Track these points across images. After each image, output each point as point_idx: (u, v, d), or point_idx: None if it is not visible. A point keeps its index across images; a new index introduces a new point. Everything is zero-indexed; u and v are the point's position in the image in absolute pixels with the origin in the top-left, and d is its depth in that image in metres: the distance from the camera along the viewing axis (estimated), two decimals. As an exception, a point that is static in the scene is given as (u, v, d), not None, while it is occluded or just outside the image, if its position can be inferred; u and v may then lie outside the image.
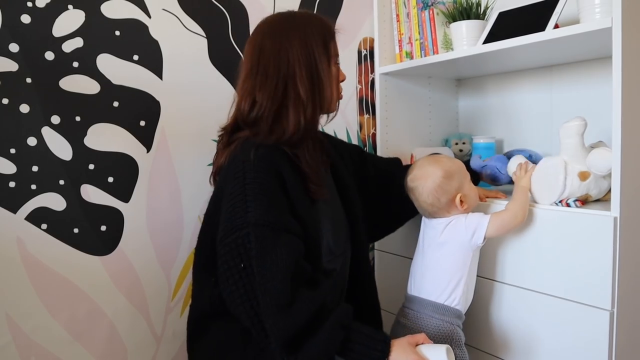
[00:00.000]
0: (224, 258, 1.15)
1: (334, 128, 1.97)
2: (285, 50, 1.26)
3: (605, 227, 1.26)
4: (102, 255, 1.49)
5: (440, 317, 1.39)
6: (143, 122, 1.55)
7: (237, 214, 1.15)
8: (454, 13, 1.81)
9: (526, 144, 1.99)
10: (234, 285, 1.13)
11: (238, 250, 1.13)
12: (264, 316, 1.10)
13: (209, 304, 1.28)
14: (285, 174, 1.20)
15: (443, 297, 1.40)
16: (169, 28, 1.59)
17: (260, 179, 1.17)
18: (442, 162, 1.43)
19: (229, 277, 1.14)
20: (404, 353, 1.15)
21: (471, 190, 1.44)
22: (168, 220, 1.60)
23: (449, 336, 1.38)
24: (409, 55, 1.99)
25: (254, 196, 1.15)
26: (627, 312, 1.31)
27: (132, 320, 1.55)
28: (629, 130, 1.28)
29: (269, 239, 1.13)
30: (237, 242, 1.13)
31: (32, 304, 1.39)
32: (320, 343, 1.10)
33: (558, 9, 1.46)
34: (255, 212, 1.13)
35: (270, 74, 1.26)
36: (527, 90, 1.98)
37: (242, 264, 1.12)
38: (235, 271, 1.13)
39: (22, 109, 1.35)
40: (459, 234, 1.39)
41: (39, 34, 1.37)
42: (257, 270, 1.11)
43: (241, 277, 1.12)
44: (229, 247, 1.14)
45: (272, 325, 1.09)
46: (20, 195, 1.36)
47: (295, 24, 1.30)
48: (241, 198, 1.16)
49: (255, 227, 1.12)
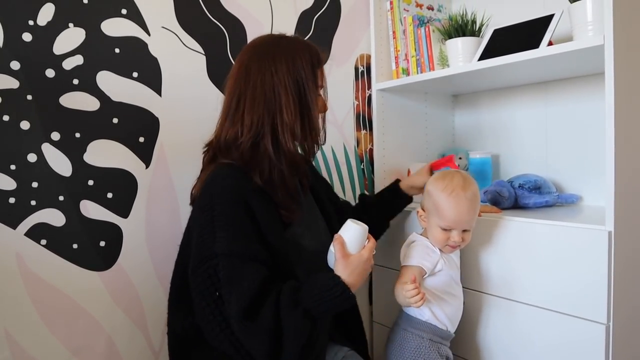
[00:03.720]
0: (198, 289, 1.17)
1: (331, 144, 1.99)
2: (270, 74, 1.25)
3: (600, 241, 1.27)
4: (101, 271, 1.49)
5: (412, 330, 1.44)
6: (142, 138, 1.56)
7: (206, 245, 1.17)
8: (449, 30, 1.84)
9: (521, 158, 2.01)
10: (211, 315, 1.15)
11: (211, 279, 1.15)
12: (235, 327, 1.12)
13: (183, 331, 1.29)
14: (253, 204, 1.21)
15: (414, 311, 1.44)
16: (168, 46, 1.61)
17: (227, 211, 1.19)
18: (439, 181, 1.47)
19: (205, 307, 1.16)
20: (346, 268, 1.19)
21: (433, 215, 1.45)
22: (167, 235, 1.61)
23: (417, 348, 1.41)
24: (406, 71, 2.01)
25: (222, 227, 1.17)
26: (622, 326, 1.32)
27: (131, 335, 1.55)
28: (622, 145, 1.29)
29: (237, 268, 1.14)
30: (208, 272, 1.15)
31: (31, 319, 1.39)
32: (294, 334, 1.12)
33: (552, 26, 1.49)
34: (223, 243, 1.15)
35: (257, 98, 1.25)
36: (522, 106, 2.00)
37: (217, 292, 1.15)
38: (211, 300, 1.15)
39: (22, 126, 1.36)
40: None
41: (39, 51, 1.39)
42: (226, 296, 1.13)
43: (217, 305, 1.15)
44: (201, 277, 1.16)
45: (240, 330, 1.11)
46: (20, 211, 1.37)
47: (283, 48, 1.29)
48: (209, 230, 1.18)
49: (223, 257, 1.15)
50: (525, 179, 1.71)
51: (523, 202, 1.67)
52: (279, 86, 1.25)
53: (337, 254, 1.21)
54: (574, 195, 1.77)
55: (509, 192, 1.66)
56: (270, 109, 1.25)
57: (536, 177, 1.73)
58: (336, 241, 1.22)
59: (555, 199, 1.71)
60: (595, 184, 1.77)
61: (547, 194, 1.69)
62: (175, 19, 1.62)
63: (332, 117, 2.00)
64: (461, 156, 2.13)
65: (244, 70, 1.29)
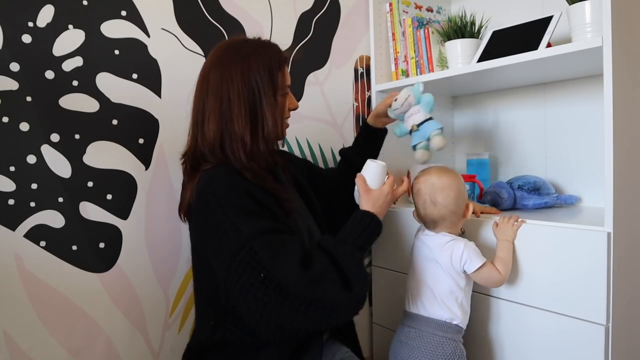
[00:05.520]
0: (239, 284, 1.11)
1: (331, 146, 1.99)
2: (227, 83, 1.27)
3: (599, 242, 1.27)
4: (101, 272, 1.49)
5: (443, 335, 1.40)
6: (142, 139, 1.56)
7: (230, 240, 1.13)
8: (448, 32, 1.84)
9: (520, 160, 2.01)
10: (265, 296, 1.09)
11: (251, 266, 1.10)
12: (300, 287, 1.10)
13: (208, 338, 1.29)
14: (255, 193, 1.21)
15: (445, 314, 1.41)
16: (168, 47, 1.61)
17: (235, 201, 1.18)
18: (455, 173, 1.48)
19: (255, 294, 1.09)
20: (369, 200, 1.34)
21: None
22: (166, 237, 1.61)
23: (453, 353, 1.39)
24: (405, 73, 2.01)
25: (239, 217, 1.15)
26: (622, 327, 1.32)
27: (130, 336, 1.55)
28: (621, 146, 1.30)
29: (274, 241, 1.14)
30: (245, 260, 1.10)
31: (30, 321, 1.39)
32: (352, 263, 1.17)
33: (550, 28, 1.49)
34: (247, 228, 1.13)
35: (213, 107, 1.28)
36: (521, 107, 2.01)
37: (261, 274, 1.09)
38: (259, 284, 1.09)
39: (22, 127, 1.36)
40: (454, 257, 1.39)
41: (39, 53, 1.39)
42: (275, 270, 1.09)
43: (267, 286, 1.09)
44: (240, 269, 1.10)
45: (304, 286, 1.09)
46: (20, 212, 1.37)
47: (241, 55, 1.30)
48: (228, 224, 1.15)
49: (255, 239, 1.12)
50: (524, 180, 1.71)
51: (522, 204, 1.67)
52: (233, 95, 1.27)
53: (360, 190, 1.36)
54: (573, 196, 1.77)
55: (508, 194, 1.67)
56: (223, 120, 1.27)
57: (535, 178, 1.73)
58: (359, 179, 1.37)
59: (555, 200, 1.71)
60: (594, 185, 1.77)
61: (546, 195, 1.70)
62: (175, 20, 1.62)
63: (331, 118, 2.01)
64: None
65: (205, 79, 1.32)
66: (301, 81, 1.93)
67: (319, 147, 1.98)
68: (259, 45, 1.34)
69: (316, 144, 1.97)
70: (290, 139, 1.89)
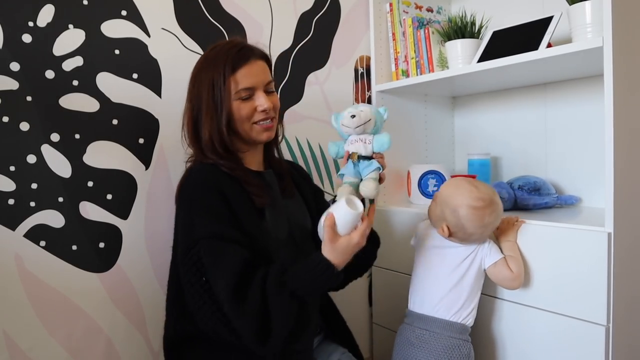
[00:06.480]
0: (186, 278, 1.21)
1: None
2: (198, 89, 1.32)
3: (600, 242, 1.27)
4: (100, 272, 1.49)
5: (454, 335, 1.39)
6: (142, 139, 1.56)
7: (187, 234, 1.22)
8: (449, 32, 1.84)
9: (521, 160, 2.01)
10: (201, 300, 1.18)
11: (196, 266, 1.18)
12: (226, 307, 1.13)
13: (174, 332, 1.32)
14: (226, 191, 1.24)
15: (460, 316, 1.40)
16: (168, 47, 1.61)
17: (202, 199, 1.23)
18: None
19: (194, 294, 1.19)
20: (333, 251, 1.14)
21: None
22: (166, 236, 1.59)
23: (468, 354, 1.40)
24: (405, 73, 2.01)
25: (199, 214, 1.21)
26: (622, 327, 1.32)
27: (130, 336, 1.55)
28: (622, 146, 1.29)
29: (218, 249, 1.17)
30: (193, 259, 1.19)
31: (30, 321, 1.38)
32: (281, 315, 1.12)
33: (551, 28, 1.49)
34: (202, 228, 1.18)
35: (190, 116, 1.34)
36: (521, 107, 2.00)
37: (203, 278, 1.17)
38: (199, 286, 1.18)
39: (22, 127, 1.36)
40: (483, 259, 1.41)
41: (39, 53, 1.39)
42: (212, 280, 1.16)
43: (205, 290, 1.17)
44: (187, 265, 1.19)
45: (229, 310, 1.12)
46: (19, 212, 1.37)
47: (209, 60, 1.33)
48: (188, 219, 1.23)
49: (204, 241, 1.17)
50: (524, 180, 1.71)
51: (523, 204, 1.67)
52: (201, 102, 1.31)
53: (325, 236, 1.15)
54: (573, 196, 1.77)
55: (509, 194, 1.66)
56: (196, 126, 1.33)
57: (535, 179, 1.73)
58: (328, 220, 1.15)
59: (555, 200, 1.71)
60: (594, 186, 1.77)
61: (547, 195, 1.70)
62: (175, 20, 1.62)
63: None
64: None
65: (190, 85, 1.37)
66: (301, 81, 1.93)
67: (319, 147, 1.98)
68: (219, 50, 1.34)
69: (316, 144, 1.97)
70: (290, 139, 1.89)
